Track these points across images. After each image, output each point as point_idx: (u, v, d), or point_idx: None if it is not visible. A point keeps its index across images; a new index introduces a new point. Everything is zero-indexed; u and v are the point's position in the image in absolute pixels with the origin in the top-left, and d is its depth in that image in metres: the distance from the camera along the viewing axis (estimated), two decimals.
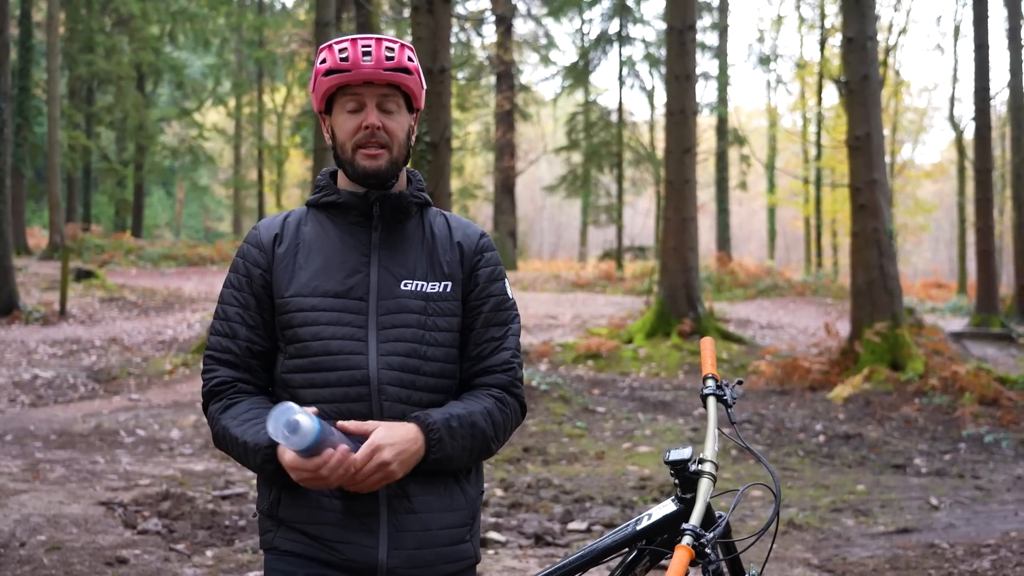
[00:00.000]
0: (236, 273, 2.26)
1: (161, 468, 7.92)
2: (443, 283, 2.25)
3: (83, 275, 22.22)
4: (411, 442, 2.08)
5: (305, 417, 1.93)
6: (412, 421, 2.12)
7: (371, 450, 2.03)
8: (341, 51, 2.19)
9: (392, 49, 2.21)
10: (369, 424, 2.08)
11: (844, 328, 14.71)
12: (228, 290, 2.26)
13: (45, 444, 8.68)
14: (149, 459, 8.27)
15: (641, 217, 42.84)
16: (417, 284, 2.22)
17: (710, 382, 2.47)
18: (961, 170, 32.44)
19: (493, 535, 6.12)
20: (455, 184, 34.50)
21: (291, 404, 1.94)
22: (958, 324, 21.62)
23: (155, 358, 14.09)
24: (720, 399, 2.44)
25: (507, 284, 2.35)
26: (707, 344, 2.61)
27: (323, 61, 2.22)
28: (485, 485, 2.37)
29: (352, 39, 2.21)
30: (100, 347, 14.87)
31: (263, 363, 2.25)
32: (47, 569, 5.32)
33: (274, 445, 2.05)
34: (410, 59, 2.23)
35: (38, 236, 32.14)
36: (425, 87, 2.33)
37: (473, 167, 41.24)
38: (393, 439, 2.06)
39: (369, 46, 2.19)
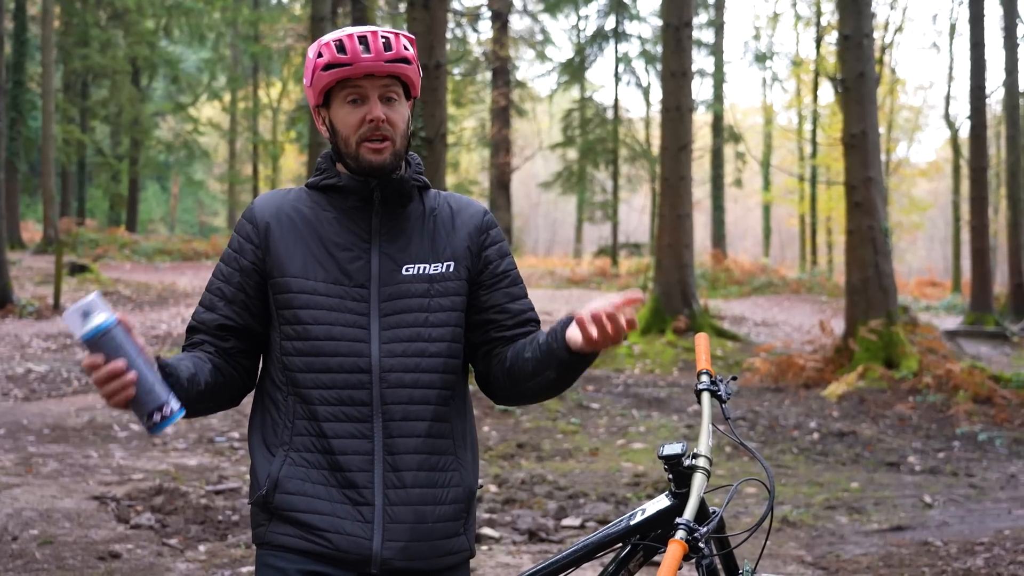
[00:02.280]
0: (229, 247, 2.27)
1: (154, 463, 7.90)
2: (446, 263, 2.25)
3: (77, 269, 22.19)
4: None
5: (104, 313, 1.87)
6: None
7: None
8: (338, 44, 2.17)
9: (389, 39, 2.19)
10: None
11: (839, 326, 14.70)
12: (219, 264, 2.28)
13: (38, 438, 8.66)
14: (142, 453, 8.25)
15: (636, 214, 42.92)
16: (419, 267, 2.23)
17: (704, 377, 2.46)
18: (956, 168, 32.48)
19: (487, 531, 6.12)
20: (450, 180, 34.48)
21: (99, 299, 1.89)
22: (952, 322, 21.67)
23: None
24: (714, 395, 2.43)
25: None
26: (702, 340, 2.60)
27: (320, 55, 2.19)
28: (480, 481, 2.37)
29: (347, 32, 2.19)
30: None
31: (236, 337, 2.24)
32: (39, 563, 5.30)
33: None
34: (407, 48, 2.22)
35: (32, 230, 32.09)
36: (421, 75, 2.32)
37: (468, 163, 41.22)
38: None
39: (366, 38, 2.17)
